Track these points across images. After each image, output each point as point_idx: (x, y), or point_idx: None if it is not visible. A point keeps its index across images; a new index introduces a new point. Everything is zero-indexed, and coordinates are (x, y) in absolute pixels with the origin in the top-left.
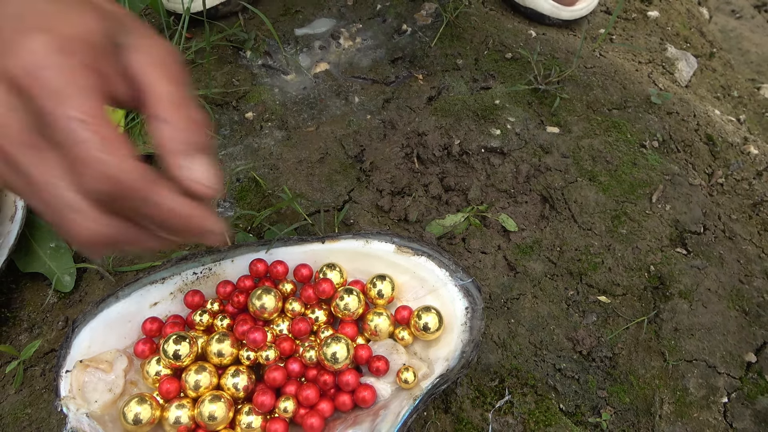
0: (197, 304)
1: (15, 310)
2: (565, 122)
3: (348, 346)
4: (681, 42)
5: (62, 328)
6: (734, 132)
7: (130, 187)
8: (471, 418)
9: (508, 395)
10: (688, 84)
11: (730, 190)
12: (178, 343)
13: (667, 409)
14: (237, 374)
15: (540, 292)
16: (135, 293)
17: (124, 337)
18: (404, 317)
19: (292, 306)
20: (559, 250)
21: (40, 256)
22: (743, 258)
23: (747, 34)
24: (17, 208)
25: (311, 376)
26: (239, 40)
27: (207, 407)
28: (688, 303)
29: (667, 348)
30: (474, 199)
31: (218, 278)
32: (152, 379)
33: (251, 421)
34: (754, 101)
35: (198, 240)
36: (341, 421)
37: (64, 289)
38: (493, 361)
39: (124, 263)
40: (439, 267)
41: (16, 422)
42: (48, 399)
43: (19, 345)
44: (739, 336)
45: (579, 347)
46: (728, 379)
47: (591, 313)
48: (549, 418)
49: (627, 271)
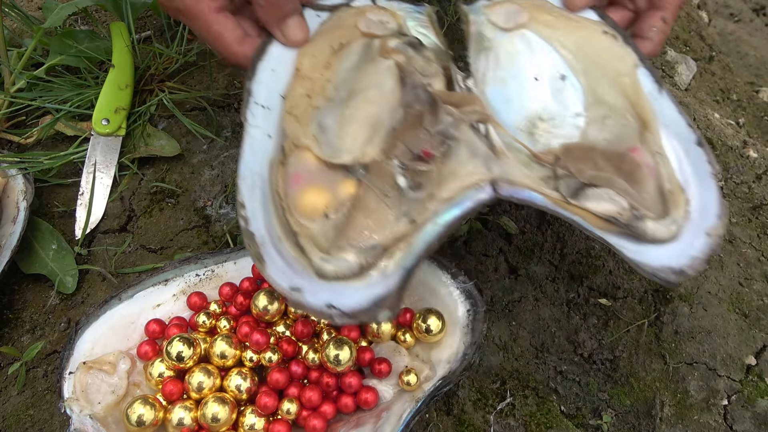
0: (200, 305)
1: (17, 312)
2: None
3: (351, 349)
4: (680, 45)
5: (64, 330)
6: (733, 135)
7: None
8: (473, 420)
9: (510, 397)
10: (687, 87)
11: (730, 193)
12: (181, 345)
13: (668, 412)
14: (240, 376)
15: (541, 294)
16: (138, 295)
17: (126, 338)
18: (406, 320)
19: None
20: (560, 253)
21: (42, 257)
22: (743, 261)
23: (745, 38)
24: (19, 209)
25: (314, 378)
26: None
27: (210, 409)
28: (689, 306)
29: (668, 351)
30: None
31: (221, 280)
32: (155, 381)
33: (254, 422)
34: (753, 105)
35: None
36: (344, 423)
37: (67, 290)
38: (494, 363)
39: (126, 265)
40: (440, 269)
41: (18, 424)
42: (50, 400)
43: (22, 346)
44: (739, 339)
45: (580, 350)
46: (728, 381)
47: (592, 315)
48: (550, 420)
49: (628, 274)
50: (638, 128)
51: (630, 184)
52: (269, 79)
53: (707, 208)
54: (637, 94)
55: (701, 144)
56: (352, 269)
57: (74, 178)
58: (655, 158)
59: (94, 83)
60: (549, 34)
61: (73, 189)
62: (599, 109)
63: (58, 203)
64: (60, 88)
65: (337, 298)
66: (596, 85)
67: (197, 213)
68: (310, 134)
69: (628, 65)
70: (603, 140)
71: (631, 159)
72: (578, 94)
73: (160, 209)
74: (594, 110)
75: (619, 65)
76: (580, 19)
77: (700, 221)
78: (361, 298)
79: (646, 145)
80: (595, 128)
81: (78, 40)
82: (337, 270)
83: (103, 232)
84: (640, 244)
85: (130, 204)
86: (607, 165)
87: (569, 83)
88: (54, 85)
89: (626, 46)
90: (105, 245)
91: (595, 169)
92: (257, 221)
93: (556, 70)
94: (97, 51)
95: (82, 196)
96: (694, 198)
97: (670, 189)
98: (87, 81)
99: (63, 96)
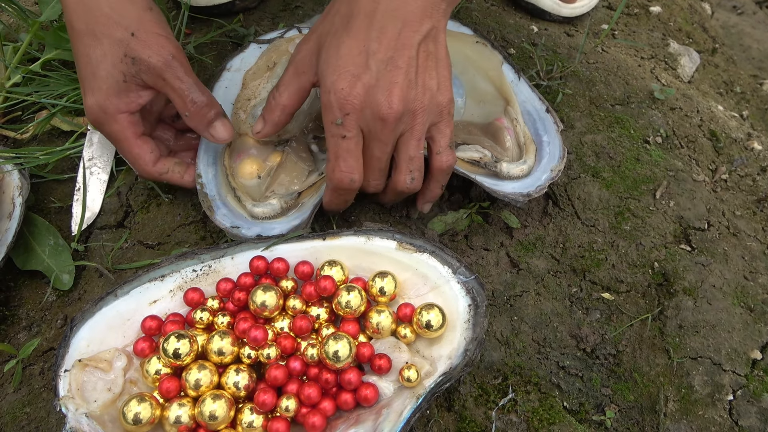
0: (197, 301)
1: (13, 309)
2: (567, 118)
3: (350, 345)
4: (683, 37)
5: (61, 327)
6: (737, 128)
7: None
8: (474, 416)
9: (512, 393)
10: (690, 80)
11: (734, 186)
12: (178, 342)
13: (672, 407)
14: (238, 373)
15: (543, 289)
16: (134, 291)
17: (123, 335)
18: (406, 315)
19: (293, 303)
20: (562, 246)
21: (39, 253)
22: (748, 254)
23: (749, 30)
24: (15, 205)
25: (313, 375)
26: (239, 36)
27: (208, 406)
28: (693, 300)
29: (672, 345)
30: (476, 195)
31: (218, 275)
32: (152, 378)
33: (252, 420)
34: (756, 97)
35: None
36: (343, 420)
37: (63, 287)
38: (496, 358)
39: (123, 261)
40: (441, 264)
41: (14, 421)
42: (47, 398)
43: (18, 343)
44: (744, 333)
45: (582, 344)
46: (733, 376)
47: (595, 310)
48: (553, 416)
49: (631, 267)
50: (503, 105)
51: (493, 141)
52: (223, 94)
53: (553, 153)
54: (501, 82)
55: (549, 111)
56: (276, 210)
57: (70, 174)
58: (513, 123)
59: None
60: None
61: (69, 185)
62: (476, 95)
63: (55, 199)
64: (56, 82)
65: (266, 231)
66: (473, 79)
67: (194, 208)
68: (248, 124)
69: (495, 63)
70: (478, 116)
71: (496, 125)
72: (458, 87)
73: (157, 205)
74: (472, 96)
75: (488, 63)
76: (459, 34)
77: (548, 162)
78: (282, 229)
79: (508, 115)
80: (472, 108)
81: None
82: (264, 211)
83: (99, 227)
84: (501, 180)
85: (127, 199)
86: (479, 131)
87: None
88: (50, 79)
89: (494, 50)
90: (102, 241)
91: (468, 134)
92: (210, 185)
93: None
94: None
95: (78, 192)
96: (546, 146)
97: (524, 142)
98: None
99: (59, 91)
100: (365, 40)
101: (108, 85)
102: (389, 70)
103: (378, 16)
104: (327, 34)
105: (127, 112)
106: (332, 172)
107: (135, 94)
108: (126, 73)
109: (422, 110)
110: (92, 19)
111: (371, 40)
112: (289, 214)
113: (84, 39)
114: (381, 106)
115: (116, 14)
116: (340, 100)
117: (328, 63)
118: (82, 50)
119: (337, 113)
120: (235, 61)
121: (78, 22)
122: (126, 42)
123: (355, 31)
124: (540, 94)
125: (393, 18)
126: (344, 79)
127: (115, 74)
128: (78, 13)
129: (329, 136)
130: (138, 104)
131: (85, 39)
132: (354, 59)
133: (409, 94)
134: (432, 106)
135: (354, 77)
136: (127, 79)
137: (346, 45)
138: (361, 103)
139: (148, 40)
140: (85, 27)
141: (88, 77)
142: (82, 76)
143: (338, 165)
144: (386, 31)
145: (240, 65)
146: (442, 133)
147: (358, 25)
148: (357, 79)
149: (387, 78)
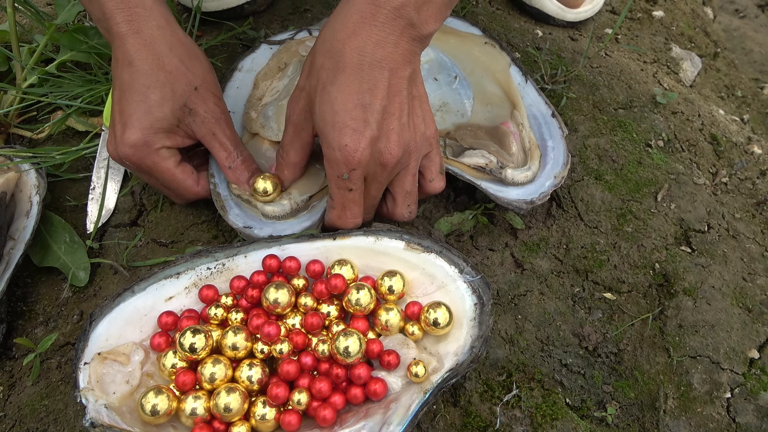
0: (211, 298)
1: (31, 304)
2: (571, 121)
3: (360, 341)
4: (685, 42)
5: (77, 322)
6: (738, 132)
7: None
8: (479, 411)
9: (516, 389)
10: (692, 84)
11: (734, 189)
12: (194, 337)
13: (672, 404)
14: (251, 367)
15: (547, 288)
16: (150, 288)
17: (140, 330)
18: (414, 313)
19: (304, 301)
20: (566, 247)
21: (55, 251)
22: (747, 256)
23: (750, 34)
24: (32, 203)
25: (324, 370)
26: (249, 38)
27: (222, 399)
28: (693, 300)
29: (672, 344)
30: (481, 197)
31: (231, 273)
32: (168, 372)
33: (265, 413)
34: (757, 101)
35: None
36: (353, 413)
37: (79, 283)
38: (500, 356)
39: (138, 258)
40: (448, 264)
41: (33, 413)
42: (64, 391)
43: (36, 338)
44: (743, 333)
45: (585, 343)
46: (731, 374)
47: (597, 309)
48: (555, 412)
49: (632, 268)
50: (510, 108)
51: (499, 146)
52: (235, 94)
53: (557, 159)
54: (509, 85)
55: (555, 115)
56: (285, 210)
57: (86, 173)
58: (519, 128)
59: (104, 79)
60: (443, 47)
61: (84, 184)
62: (483, 98)
63: (70, 198)
64: (71, 83)
65: (277, 232)
66: (481, 81)
67: (206, 207)
68: (259, 124)
69: (503, 65)
70: (484, 119)
71: (502, 129)
72: (466, 89)
73: (170, 204)
74: (479, 99)
75: (496, 65)
76: (468, 35)
77: (551, 169)
78: (293, 230)
79: (514, 119)
80: (479, 110)
81: (89, 36)
82: (275, 210)
83: (114, 226)
84: (505, 186)
85: (141, 198)
86: (485, 135)
87: (459, 81)
88: (65, 80)
89: (502, 52)
90: (116, 239)
91: (475, 138)
92: (222, 185)
93: (447, 73)
94: (107, 47)
95: (93, 191)
96: (551, 152)
97: (529, 147)
98: (97, 77)
99: (74, 92)
100: (358, 93)
101: (161, 126)
102: (385, 119)
103: (365, 68)
104: (315, 90)
105: (171, 147)
106: (338, 219)
107: (180, 139)
108: (181, 120)
109: (416, 149)
110: (158, 66)
111: (364, 93)
112: (299, 215)
113: (143, 79)
114: (383, 155)
115: (186, 69)
116: (347, 156)
117: (324, 119)
118: (137, 88)
119: (344, 169)
120: (246, 61)
121: (142, 63)
122: (188, 94)
123: (345, 85)
124: (546, 98)
125: (380, 68)
126: (346, 135)
127: (171, 119)
128: (142, 56)
129: (335, 188)
130: (178, 145)
131: (145, 80)
132: (351, 113)
133: (404, 137)
134: (422, 142)
135: (356, 132)
136: (180, 125)
137: (340, 100)
138: (366, 159)
139: (207, 97)
140: (149, 69)
141: (137, 114)
142: (129, 112)
143: (344, 214)
144: (377, 82)
145: (251, 66)
146: (433, 161)
147: (346, 78)
148: (360, 135)
149: (384, 127)
